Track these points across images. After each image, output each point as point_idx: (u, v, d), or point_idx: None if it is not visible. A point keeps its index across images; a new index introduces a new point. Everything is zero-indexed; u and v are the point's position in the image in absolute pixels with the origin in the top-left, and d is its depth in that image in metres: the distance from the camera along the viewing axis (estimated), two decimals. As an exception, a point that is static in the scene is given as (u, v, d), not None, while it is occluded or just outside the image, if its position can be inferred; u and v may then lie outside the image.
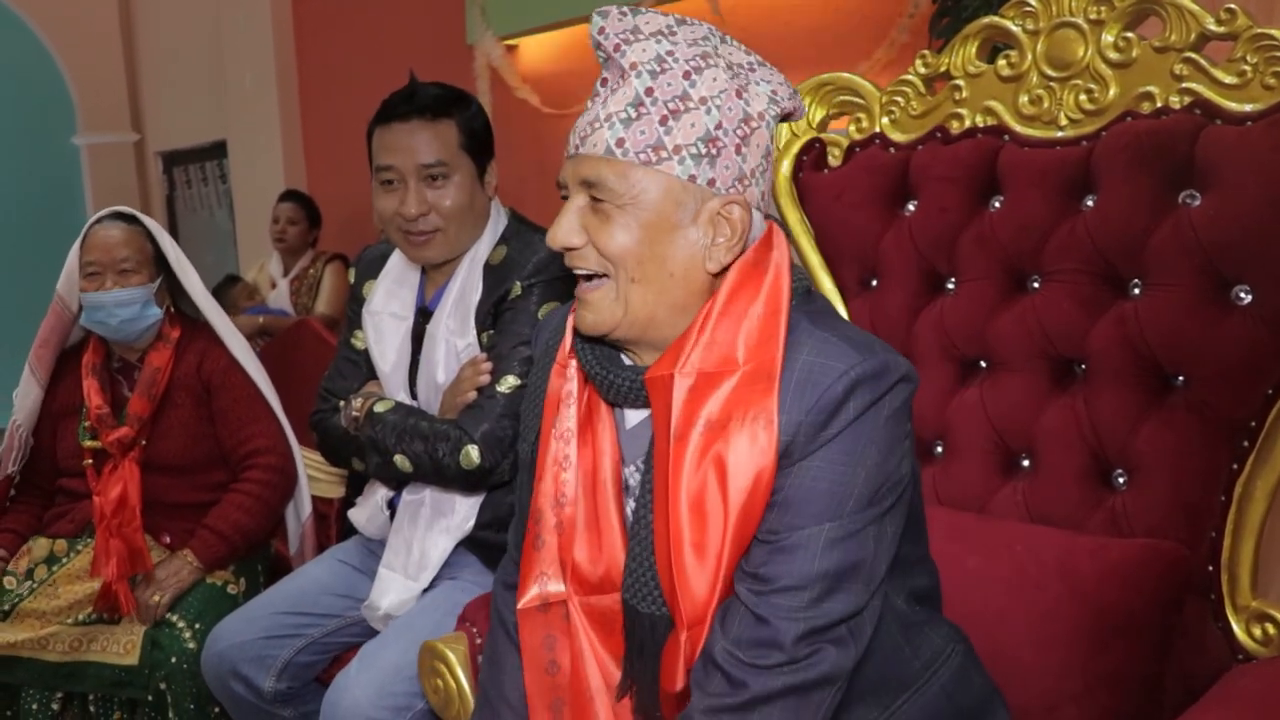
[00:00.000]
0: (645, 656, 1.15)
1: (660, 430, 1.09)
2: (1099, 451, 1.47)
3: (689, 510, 1.06)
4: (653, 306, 1.11)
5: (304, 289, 4.65)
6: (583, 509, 1.20)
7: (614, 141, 1.06)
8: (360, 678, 1.67)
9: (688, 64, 1.06)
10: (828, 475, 1.05)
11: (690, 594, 1.07)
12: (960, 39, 1.65)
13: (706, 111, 1.06)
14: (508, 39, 4.20)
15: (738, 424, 1.05)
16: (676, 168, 1.06)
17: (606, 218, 1.08)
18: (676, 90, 1.05)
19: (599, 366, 1.16)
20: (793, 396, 1.05)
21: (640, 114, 1.05)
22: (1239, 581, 1.41)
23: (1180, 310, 1.39)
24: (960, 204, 1.62)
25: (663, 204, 1.07)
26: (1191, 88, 1.41)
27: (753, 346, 1.07)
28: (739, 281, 1.10)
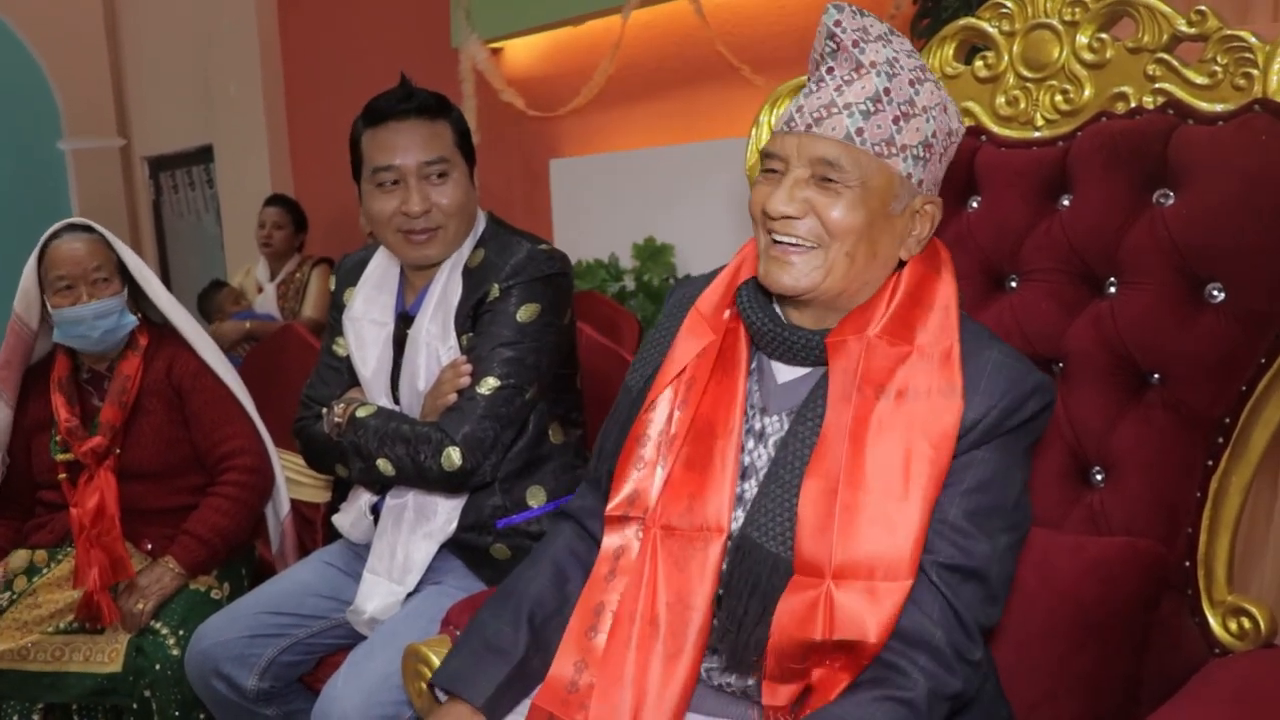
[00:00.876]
0: (758, 594, 1.19)
1: (836, 390, 1.19)
2: (1077, 449, 1.48)
3: (872, 470, 1.14)
4: (850, 278, 1.21)
5: (291, 293, 4.65)
6: (685, 453, 1.27)
7: (854, 129, 1.17)
8: (348, 687, 1.67)
9: (911, 73, 1.19)
10: (998, 467, 1.16)
11: (845, 547, 1.12)
12: (937, 40, 1.66)
13: (927, 120, 1.19)
14: (492, 42, 4.20)
15: (922, 395, 1.16)
16: (901, 164, 1.19)
17: (835, 195, 1.18)
18: (905, 96, 1.18)
19: (771, 324, 1.26)
20: (988, 382, 1.17)
21: (878, 110, 1.17)
22: (1215, 577, 1.42)
23: (1155, 309, 1.40)
24: (938, 204, 1.63)
25: (885, 193, 1.19)
26: (1164, 88, 1.43)
27: (931, 330, 1.20)
28: (921, 273, 1.24)
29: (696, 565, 1.24)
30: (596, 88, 3.77)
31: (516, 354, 1.76)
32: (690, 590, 1.23)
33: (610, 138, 3.94)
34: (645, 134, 3.79)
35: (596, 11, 3.75)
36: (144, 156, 7.55)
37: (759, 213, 1.23)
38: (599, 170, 3.87)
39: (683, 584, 1.24)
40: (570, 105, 3.88)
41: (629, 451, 1.31)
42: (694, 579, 1.23)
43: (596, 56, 3.77)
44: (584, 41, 3.94)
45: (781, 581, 1.17)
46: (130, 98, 7.54)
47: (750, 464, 1.27)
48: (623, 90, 3.77)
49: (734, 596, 1.21)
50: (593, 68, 3.78)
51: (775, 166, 1.22)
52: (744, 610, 1.20)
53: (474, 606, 1.59)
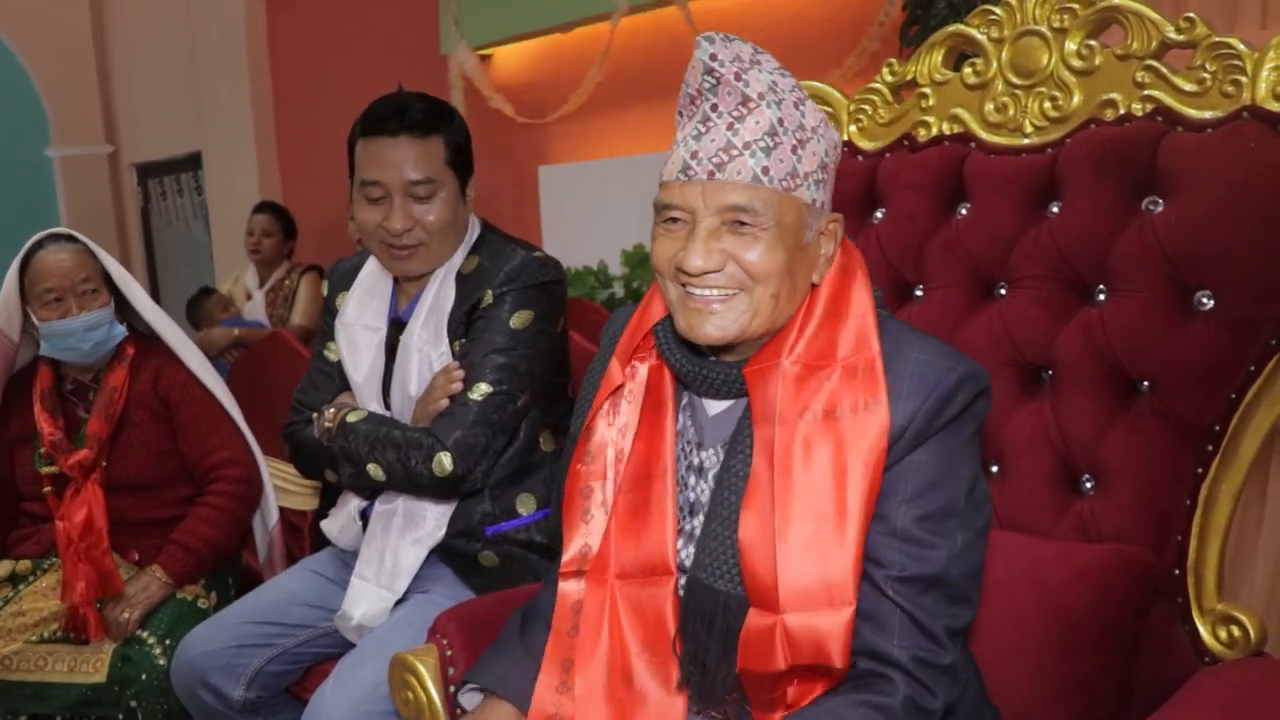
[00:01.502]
0: (715, 633, 1.18)
1: (761, 419, 1.16)
2: (1066, 457, 1.48)
3: (802, 495, 1.12)
4: (777, 315, 1.18)
5: (280, 300, 4.63)
6: (626, 500, 1.26)
7: (759, 169, 1.13)
8: (336, 697, 1.66)
9: (792, 94, 1.15)
10: (938, 468, 1.13)
11: (788, 578, 1.10)
12: (926, 47, 1.66)
13: (818, 140, 1.16)
14: (482, 49, 4.20)
15: (847, 412, 1.13)
16: (806, 193, 1.16)
17: (752, 239, 1.14)
18: (796, 121, 1.14)
19: (690, 363, 1.24)
20: (910, 386, 1.14)
21: (776, 144, 1.13)
22: (1205, 585, 1.41)
23: (1144, 316, 1.40)
24: (927, 211, 1.63)
25: (797, 226, 1.16)
26: (1153, 95, 1.42)
27: (851, 344, 1.17)
28: (836, 285, 1.21)
29: (653, 611, 1.24)
30: (585, 94, 3.78)
31: (509, 360, 1.75)
32: (655, 637, 1.24)
33: (599, 144, 3.94)
34: (634, 141, 3.79)
35: (586, 19, 3.76)
36: (132, 163, 7.53)
37: (669, 268, 1.18)
38: (588, 177, 3.87)
39: (646, 631, 1.24)
40: (559, 112, 3.88)
41: (572, 504, 1.30)
42: (654, 625, 1.24)
43: (585, 63, 3.77)
44: (573, 48, 3.94)
45: (736, 618, 1.15)
46: (118, 104, 7.52)
47: (696, 500, 1.26)
48: (612, 97, 3.78)
49: (692, 639, 1.21)
50: (582, 74, 3.79)
51: (679, 217, 1.17)
52: (705, 650, 1.19)
53: (462, 615, 1.59)
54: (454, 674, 1.51)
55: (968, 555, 1.14)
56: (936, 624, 1.11)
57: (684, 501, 1.26)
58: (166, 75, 6.72)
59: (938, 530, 1.12)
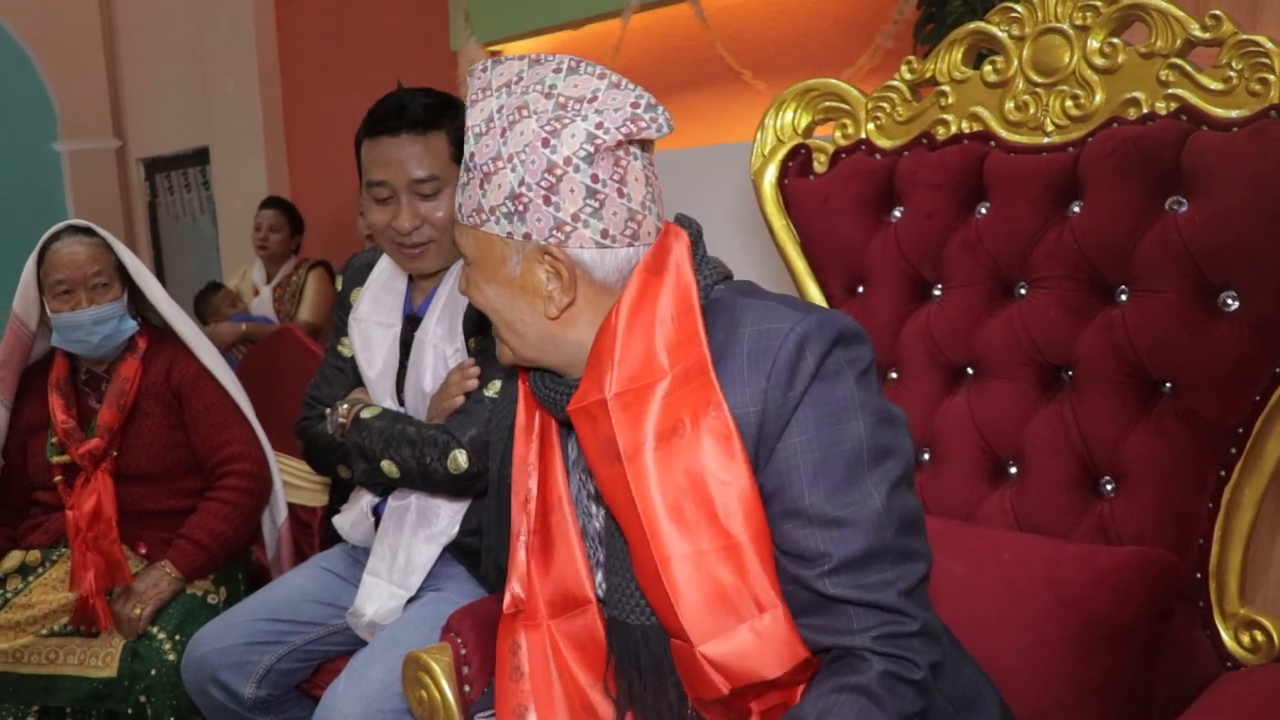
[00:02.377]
0: (644, 669, 1.15)
1: (595, 457, 1.11)
2: (1087, 459, 1.46)
3: (672, 523, 1.05)
4: (525, 348, 1.16)
5: (287, 296, 4.63)
6: (538, 537, 1.23)
7: (459, 206, 1.14)
8: (348, 695, 1.65)
9: (506, 119, 1.08)
10: (821, 439, 1.05)
11: (687, 607, 1.05)
12: (946, 45, 1.65)
13: (512, 169, 1.07)
14: (491, 45, 4.18)
15: (690, 426, 1.06)
16: (495, 227, 1.10)
17: (470, 278, 1.17)
18: (492, 151, 1.08)
19: (542, 387, 1.20)
20: (749, 369, 1.06)
21: (469, 179, 1.12)
22: (1227, 589, 1.40)
23: (1168, 317, 1.38)
24: (946, 210, 1.61)
25: (493, 261, 1.12)
26: (1177, 94, 1.41)
27: (674, 348, 1.08)
28: (638, 294, 1.10)
29: (590, 641, 1.21)
30: (596, 91, 3.75)
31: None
32: (598, 667, 1.22)
33: (609, 141, 3.92)
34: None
35: (596, 15, 3.74)
36: (140, 158, 7.52)
37: None
38: (598, 174, 3.84)
39: (589, 662, 1.22)
40: (570, 109, 3.85)
41: (513, 548, 1.26)
42: (594, 655, 1.21)
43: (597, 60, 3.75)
44: (583, 45, 3.92)
45: (661, 648, 1.12)
46: (126, 99, 7.51)
47: (600, 528, 1.21)
48: (622, 94, 3.75)
49: (625, 676, 1.18)
50: (592, 71, 3.76)
51: None
52: (642, 687, 1.16)
53: (474, 613, 1.58)
54: (469, 673, 1.51)
55: (895, 498, 1.05)
56: (888, 595, 1.04)
57: (592, 530, 1.22)
58: (174, 70, 6.71)
59: (851, 501, 1.04)
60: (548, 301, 1.11)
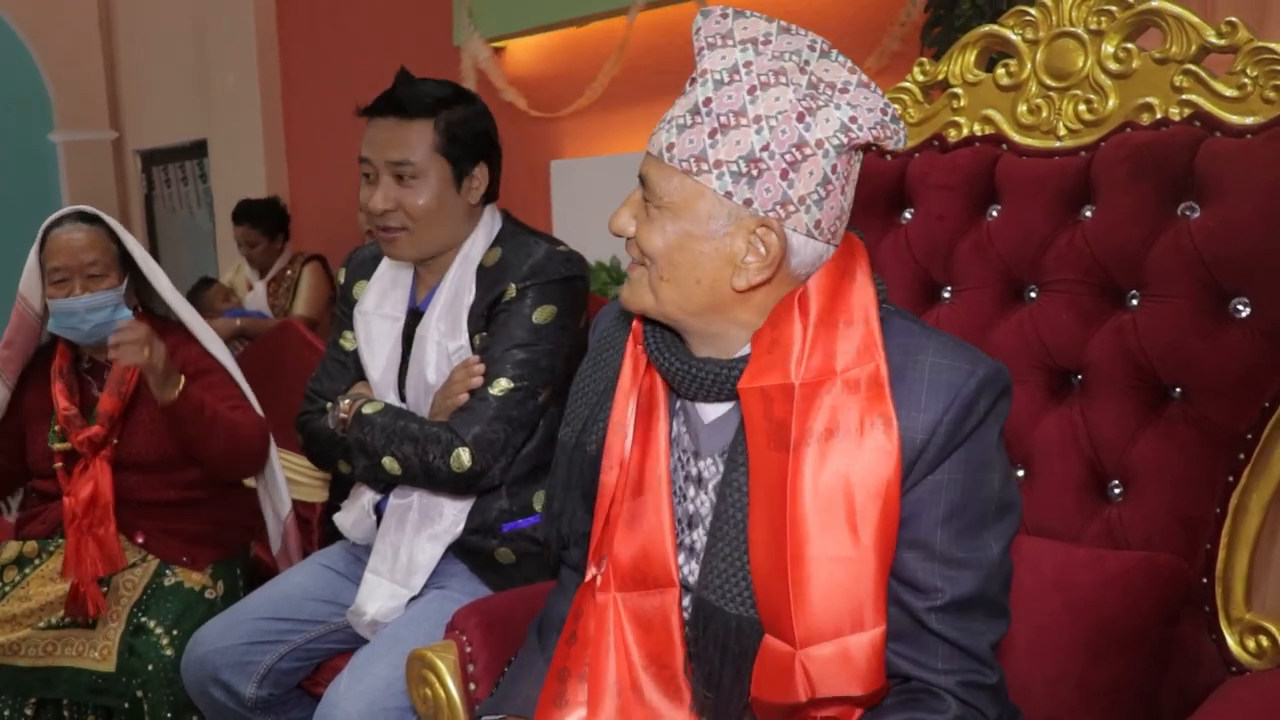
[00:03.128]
0: (729, 657, 1.13)
1: (759, 440, 1.09)
2: (1095, 463, 1.46)
3: (817, 522, 1.05)
4: (681, 305, 1.12)
5: (282, 290, 4.62)
6: (626, 510, 1.21)
7: (666, 145, 1.08)
8: (351, 692, 1.64)
9: (759, 78, 1.05)
10: (965, 482, 1.07)
11: (805, 608, 1.05)
12: (959, 47, 1.65)
13: (757, 131, 1.04)
14: (495, 41, 4.18)
15: (852, 431, 1.06)
16: (714, 182, 1.06)
17: (649, 216, 1.11)
18: (735, 105, 1.05)
19: (673, 359, 1.16)
20: (928, 396, 1.07)
21: (694, 123, 1.06)
22: (1233, 594, 1.40)
23: (1179, 322, 1.38)
24: (958, 212, 1.61)
25: (696, 214, 1.08)
26: (1191, 100, 1.41)
27: (852, 353, 1.08)
28: (829, 293, 1.11)
29: (659, 623, 1.19)
30: (600, 89, 3.76)
31: (530, 356, 1.73)
32: (661, 650, 1.19)
33: (613, 140, 3.93)
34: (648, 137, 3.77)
35: (601, 13, 3.74)
36: (136, 150, 7.50)
37: None
38: (601, 172, 3.85)
39: (652, 645, 1.20)
40: (573, 106, 3.86)
41: (596, 515, 1.25)
42: (661, 639, 1.19)
43: (600, 58, 3.75)
44: (588, 42, 3.92)
45: (750, 642, 1.11)
46: (124, 90, 7.48)
47: (695, 512, 1.20)
48: (626, 92, 3.76)
49: (705, 662, 1.16)
50: (596, 69, 3.77)
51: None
52: (719, 675, 1.15)
53: (480, 611, 1.57)
54: (474, 671, 1.50)
55: (1005, 558, 1.10)
56: (980, 643, 1.08)
57: (682, 513, 1.21)
58: (173, 62, 6.69)
59: (974, 547, 1.07)
60: (739, 271, 1.09)
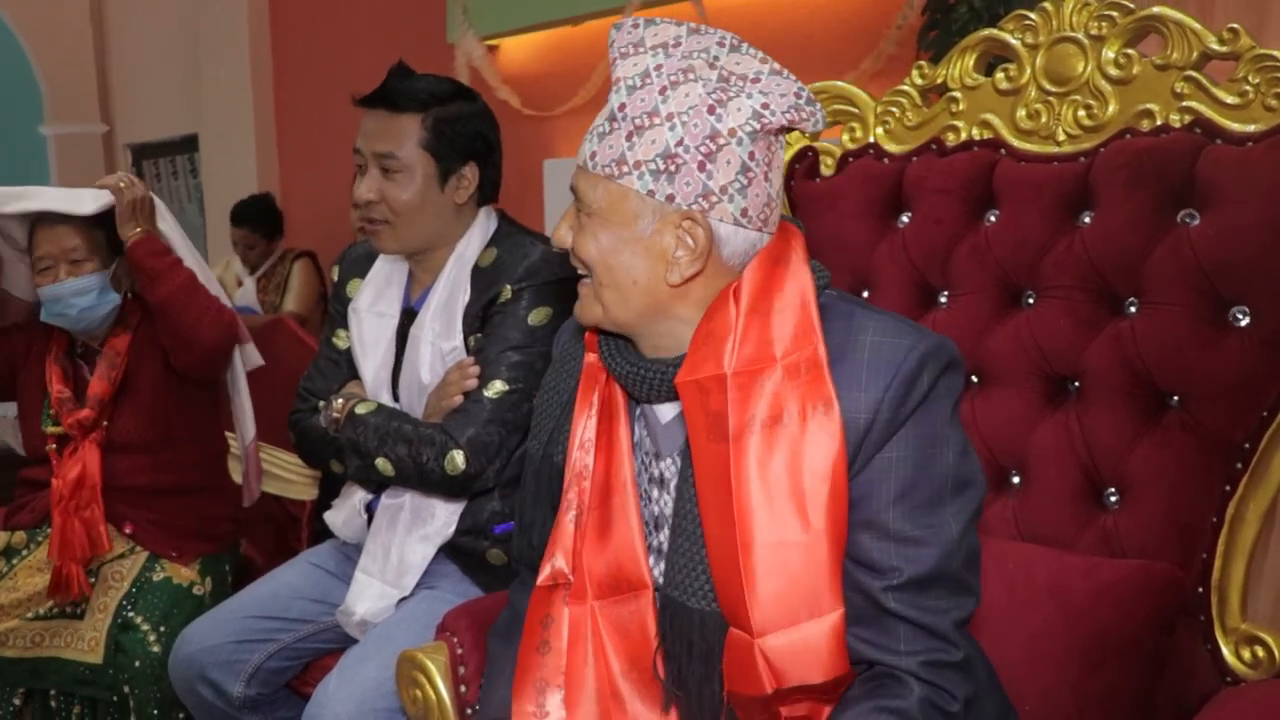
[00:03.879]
0: (695, 654, 1.14)
1: (699, 432, 1.10)
2: (1091, 470, 1.46)
3: (764, 509, 1.06)
4: (624, 310, 1.14)
5: (271, 287, 4.60)
6: (595, 516, 1.21)
7: (589, 154, 1.12)
8: (340, 693, 1.63)
9: (669, 78, 1.08)
10: (915, 459, 1.07)
11: (758, 596, 1.05)
12: (958, 51, 1.64)
13: (670, 128, 1.07)
14: (489, 39, 4.16)
15: (795, 417, 1.06)
16: (636, 182, 1.09)
17: (582, 226, 1.14)
18: (647, 106, 1.08)
19: (626, 363, 1.18)
20: (868, 374, 1.07)
21: (612, 129, 1.10)
22: (1229, 603, 1.40)
23: (1177, 330, 1.38)
24: (955, 217, 1.61)
25: (622, 215, 1.11)
26: (1192, 106, 1.41)
27: (789, 339, 1.09)
28: (761, 280, 1.12)
29: (636, 627, 1.20)
30: (594, 88, 3.74)
31: (525, 358, 1.72)
32: (640, 654, 1.20)
33: (606, 140, 3.91)
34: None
35: (597, 11, 3.73)
36: (127, 144, 7.46)
37: None
38: (594, 172, 3.83)
39: (630, 649, 1.20)
40: (567, 105, 3.85)
41: (558, 524, 1.25)
42: (639, 642, 1.20)
43: (595, 57, 3.73)
44: (582, 41, 3.91)
45: (715, 636, 1.11)
46: (115, 83, 7.44)
47: (660, 513, 1.21)
48: (621, 92, 3.74)
49: (674, 659, 1.17)
50: (590, 68, 3.75)
51: None
52: (688, 672, 1.16)
53: (470, 612, 1.56)
54: (465, 673, 1.49)
55: (964, 541, 1.08)
56: (943, 621, 1.07)
57: (649, 515, 1.22)
58: (165, 55, 6.66)
59: (930, 524, 1.07)
60: (671, 267, 1.11)
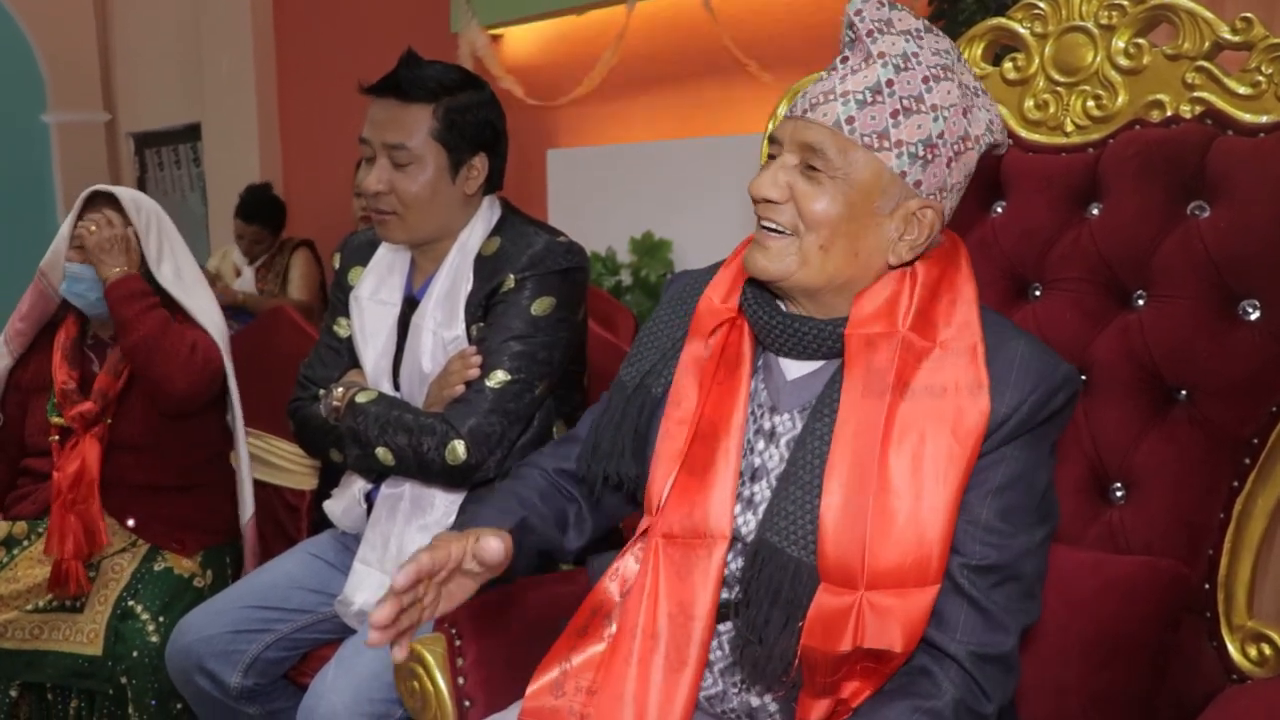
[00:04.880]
0: (780, 602, 1.14)
1: (855, 387, 1.14)
2: (1097, 464, 1.44)
3: (905, 473, 1.09)
4: (828, 275, 1.16)
5: (271, 277, 4.59)
6: (689, 458, 1.23)
7: (845, 118, 1.12)
8: (337, 683, 1.62)
9: (929, 70, 1.13)
10: (1023, 469, 1.12)
11: (877, 553, 1.08)
12: (966, 40, 1.62)
13: (934, 119, 1.12)
14: (493, 28, 4.15)
15: (950, 392, 1.11)
16: (893, 160, 1.12)
17: (817, 183, 1.14)
18: (914, 90, 1.12)
19: (772, 315, 1.21)
20: (1018, 375, 1.12)
21: (876, 101, 1.11)
22: (1235, 600, 1.39)
23: (1186, 323, 1.37)
24: (961, 208, 1.57)
25: (870, 188, 1.13)
26: (1203, 97, 1.39)
27: (954, 325, 1.15)
28: (939, 268, 1.18)
29: (700, 573, 1.20)
30: (598, 78, 3.73)
31: (528, 348, 1.70)
32: (691, 599, 1.19)
33: (610, 130, 3.90)
34: (646, 128, 3.75)
35: (600, 2, 3.71)
36: (130, 132, 7.45)
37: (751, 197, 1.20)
38: (598, 162, 3.83)
39: (684, 593, 1.20)
40: (570, 95, 3.83)
41: (655, 460, 1.26)
42: (696, 587, 1.19)
43: (599, 47, 3.72)
44: (586, 31, 3.89)
45: (804, 588, 1.12)
46: (118, 72, 7.43)
47: (761, 465, 1.22)
48: (625, 82, 3.73)
49: (754, 606, 1.16)
50: (594, 58, 3.74)
51: (774, 152, 1.19)
52: (765, 620, 1.15)
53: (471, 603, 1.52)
54: (463, 664, 1.48)
55: (1041, 552, 1.14)
56: (1007, 617, 1.10)
57: (746, 466, 1.23)
58: (168, 44, 6.64)
59: (1018, 524, 1.12)
60: (894, 247, 1.16)
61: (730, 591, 1.21)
